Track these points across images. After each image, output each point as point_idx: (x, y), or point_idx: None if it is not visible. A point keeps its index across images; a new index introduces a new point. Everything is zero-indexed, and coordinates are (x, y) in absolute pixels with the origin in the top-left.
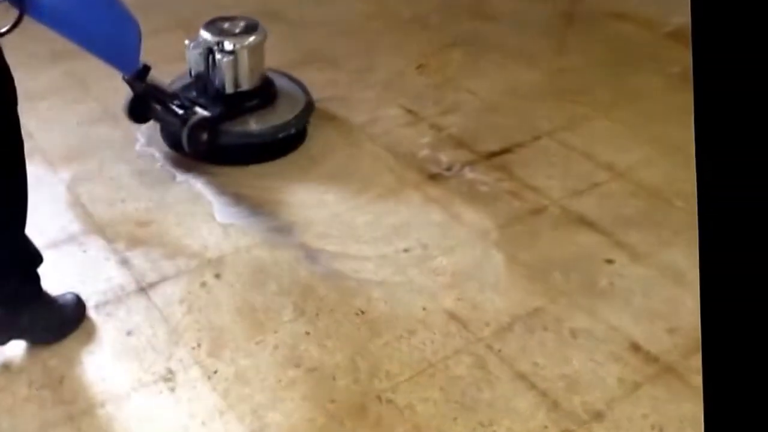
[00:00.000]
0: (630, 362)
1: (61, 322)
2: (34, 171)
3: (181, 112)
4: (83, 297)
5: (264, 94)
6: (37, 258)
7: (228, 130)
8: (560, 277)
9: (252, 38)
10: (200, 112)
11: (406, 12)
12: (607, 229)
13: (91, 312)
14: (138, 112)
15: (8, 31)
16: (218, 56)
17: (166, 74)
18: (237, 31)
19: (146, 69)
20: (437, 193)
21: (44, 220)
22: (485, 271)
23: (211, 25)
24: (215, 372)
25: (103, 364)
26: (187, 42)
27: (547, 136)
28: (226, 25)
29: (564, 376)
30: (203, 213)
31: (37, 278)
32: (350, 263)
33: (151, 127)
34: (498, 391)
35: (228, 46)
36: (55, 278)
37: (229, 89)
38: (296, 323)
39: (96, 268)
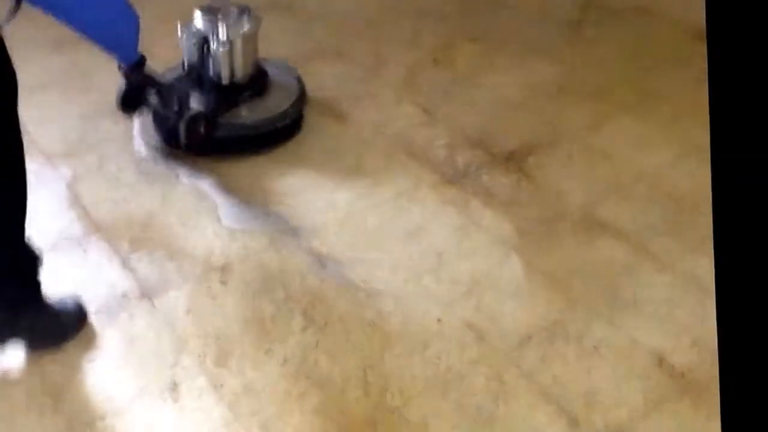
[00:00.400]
0: (654, 377)
1: (61, 327)
2: (32, 167)
3: (176, 104)
4: (84, 302)
5: (258, 83)
6: (36, 262)
7: (225, 122)
8: (581, 286)
9: (247, 26)
10: (196, 104)
11: (421, 2)
12: (630, 235)
13: (92, 318)
14: (130, 103)
15: (6, 20)
16: (214, 46)
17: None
18: (231, 19)
19: (143, 59)
20: (453, 195)
21: (43, 220)
22: (503, 279)
23: (205, 13)
24: (221, 383)
25: (104, 372)
26: (180, 32)
27: (567, 136)
28: (220, 13)
29: (584, 392)
30: (208, 214)
31: (37, 283)
32: (361, 270)
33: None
34: (515, 406)
35: (223, 35)
36: (55, 282)
37: (225, 80)
38: (305, 333)
39: (98, 271)
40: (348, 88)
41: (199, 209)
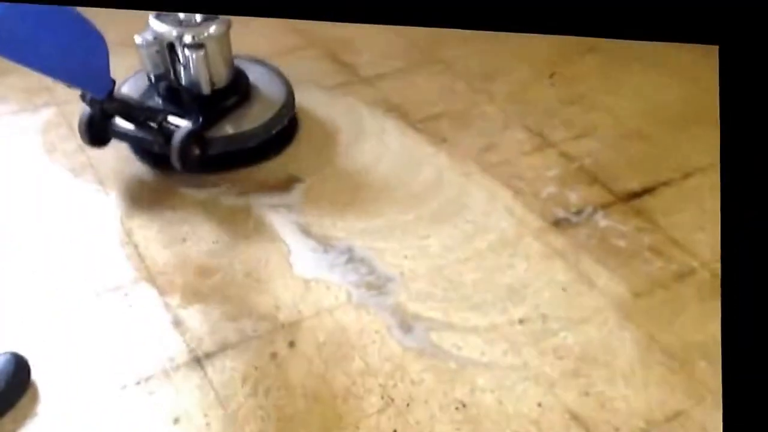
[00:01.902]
0: None
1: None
2: (83, 193)
3: (155, 126)
4: (121, 366)
5: (241, 87)
6: None
7: (218, 136)
8: (707, 369)
9: (216, 25)
10: (180, 122)
11: None
12: None
13: (130, 390)
14: (98, 133)
15: None
16: (186, 52)
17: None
18: (198, 18)
19: (113, 84)
20: (563, 244)
21: (89, 261)
22: (617, 355)
23: (164, 15)
24: None
25: None
26: (138, 39)
27: (699, 173)
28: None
29: None
30: (279, 261)
31: None
32: (452, 336)
33: None
34: None
35: (190, 38)
36: (91, 338)
37: (206, 89)
38: (383, 415)
39: (142, 329)
40: (449, 104)
41: (269, 254)
